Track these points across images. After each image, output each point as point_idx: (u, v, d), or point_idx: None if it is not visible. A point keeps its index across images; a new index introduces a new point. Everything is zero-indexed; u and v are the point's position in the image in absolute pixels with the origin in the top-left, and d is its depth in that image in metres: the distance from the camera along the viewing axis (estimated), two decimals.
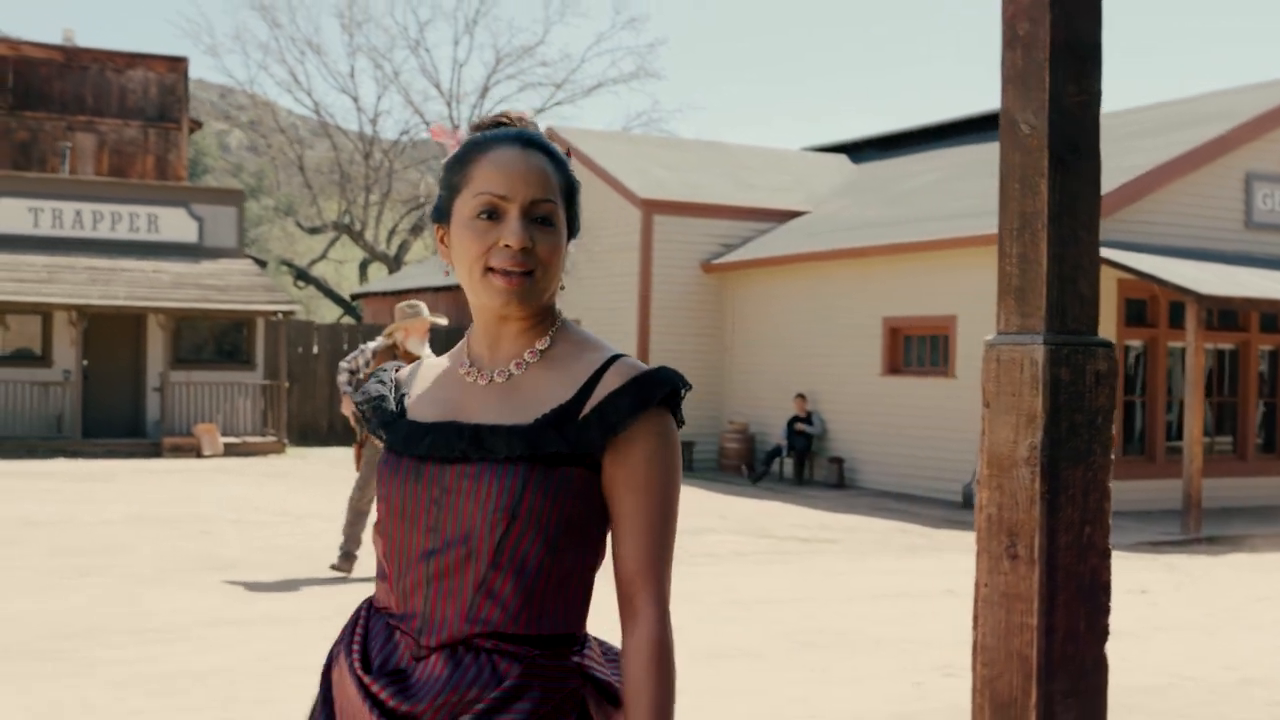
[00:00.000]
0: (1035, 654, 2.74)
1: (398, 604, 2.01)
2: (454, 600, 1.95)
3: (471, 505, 1.95)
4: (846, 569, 11.24)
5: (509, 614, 1.94)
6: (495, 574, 1.94)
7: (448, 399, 2.08)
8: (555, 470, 1.95)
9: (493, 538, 1.93)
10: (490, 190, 1.97)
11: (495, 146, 2.02)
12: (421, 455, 2.01)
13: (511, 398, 2.03)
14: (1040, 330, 2.75)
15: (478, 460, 1.96)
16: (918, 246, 18.29)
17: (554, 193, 2.01)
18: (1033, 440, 2.74)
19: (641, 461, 1.98)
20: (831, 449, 20.07)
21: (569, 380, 2.02)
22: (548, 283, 2.01)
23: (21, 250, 24.76)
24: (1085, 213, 2.78)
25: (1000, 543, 2.82)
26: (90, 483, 17.41)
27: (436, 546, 1.96)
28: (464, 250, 2.00)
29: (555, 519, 1.95)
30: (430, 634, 1.95)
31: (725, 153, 26.16)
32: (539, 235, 1.97)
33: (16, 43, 30.39)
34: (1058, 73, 2.74)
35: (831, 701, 6.37)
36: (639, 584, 1.97)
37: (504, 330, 2.05)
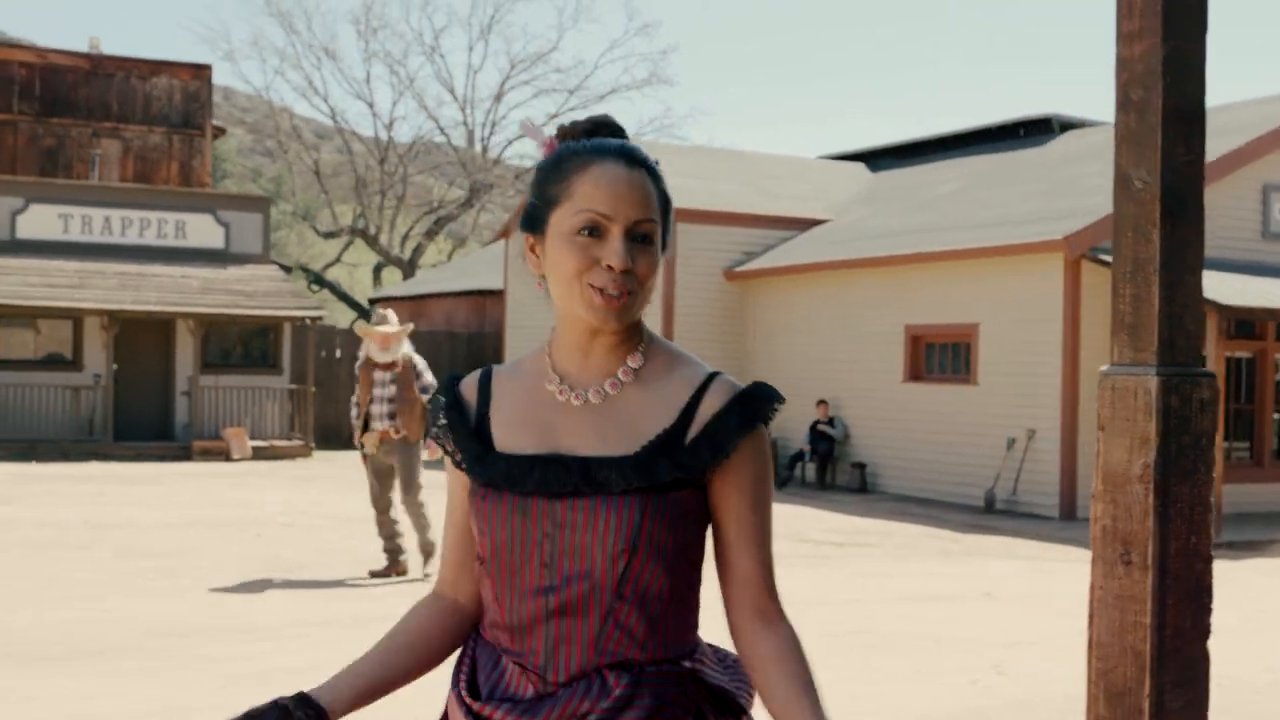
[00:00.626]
0: (1148, 649, 3.10)
1: (513, 640, 2.00)
2: (579, 635, 1.96)
3: (590, 539, 1.94)
4: (886, 572, 11.59)
5: (637, 642, 1.96)
6: (621, 605, 1.95)
7: (541, 423, 2.04)
8: (668, 496, 1.96)
9: (615, 570, 1.94)
10: (594, 208, 1.95)
11: (598, 161, 1.99)
12: (527, 491, 1.98)
13: (612, 421, 2.02)
14: (1152, 363, 3.11)
15: (591, 494, 1.96)
16: (941, 256, 18.63)
17: (654, 211, 2.00)
18: (1146, 460, 3.09)
19: (750, 478, 2.02)
20: (854, 454, 20.42)
21: (668, 400, 2.02)
22: (643, 302, 2.01)
23: (52, 256, 25.18)
24: (1192, 258, 3.14)
25: (1115, 550, 3.18)
26: (133, 486, 17.78)
27: (554, 583, 1.96)
28: (561, 265, 1.98)
29: (672, 544, 1.97)
30: (558, 669, 1.96)
31: (746, 161, 26.53)
32: (639, 255, 1.96)
33: (43, 51, 30.79)
34: (1168, 135, 3.10)
35: (894, 698, 6.73)
36: (766, 593, 2.02)
37: (595, 344, 2.03)
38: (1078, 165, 20.60)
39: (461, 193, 47.62)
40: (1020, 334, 17.56)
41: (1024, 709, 6.57)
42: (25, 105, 30.16)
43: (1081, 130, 24.19)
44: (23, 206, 25.50)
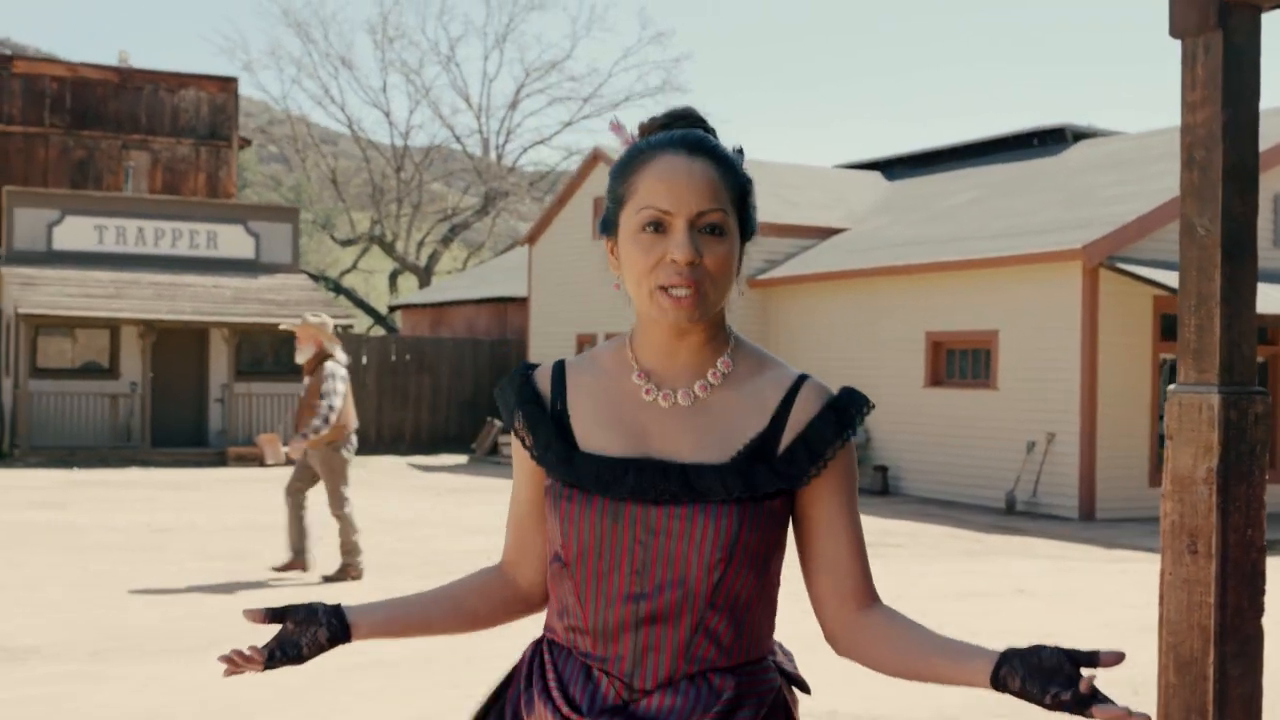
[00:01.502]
0: (1212, 625, 3.65)
1: (595, 645, 1.97)
2: (669, 643, 1.93)
3: (685, 547, 1.92)
4: (917, 570, 12.13)
5: (724, 649, 1.95)
6: (712, 614, 1.93)
7: (630, 423, 2.01)
8: (764, 505, 1.95)
9: (710, 579, 1.92)
10: (654, 204, 1.93)
11: (658, 155, 1.96)
12: (621, 496, 1.95)
13: (704, 424, 1.99)
14: (1214, 383, 3.67)
15: (690, 502, 1.93)
16: (960, 265, 19.18)
17: (722, 200, 1.95)
18: (1209, 465, 3.65)
19: (845, 481, 2.02)
20: (876, 457, 20.97)
21: (760, 404, 2.00)
22: (718, 295, 1.96)
23: (88, 266, 25.78)
24: (1247, 294, 3.69)
25: (1182, 541, 3.73)
26: (178, 491, 18.35)
27: (645, 590, 1.93)
28: (631, 265, 1.95)
29: (765, 551, 1.97)
30: (644, 677, 1.94)
31: (766, 171, 27.10)
32: (707, 246, 1.92)
33: (74, 65, 31.38)
34: (1227, 190, 3.66)
35: None
36: (871, 590, 2.07)
37: (681, 345, 2.00)
38: (1092, 175, 21.15)
39: (476, 200, 48.22)
40: (1039, 340, 18.11)
41: None
42: (56, 118, 30.76)
43: (1094, 140, 24.74)
44: (58, 218, 26.10)
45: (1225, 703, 3.65)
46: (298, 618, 2.04)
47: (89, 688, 6.76)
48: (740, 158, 2.05)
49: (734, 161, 2.01)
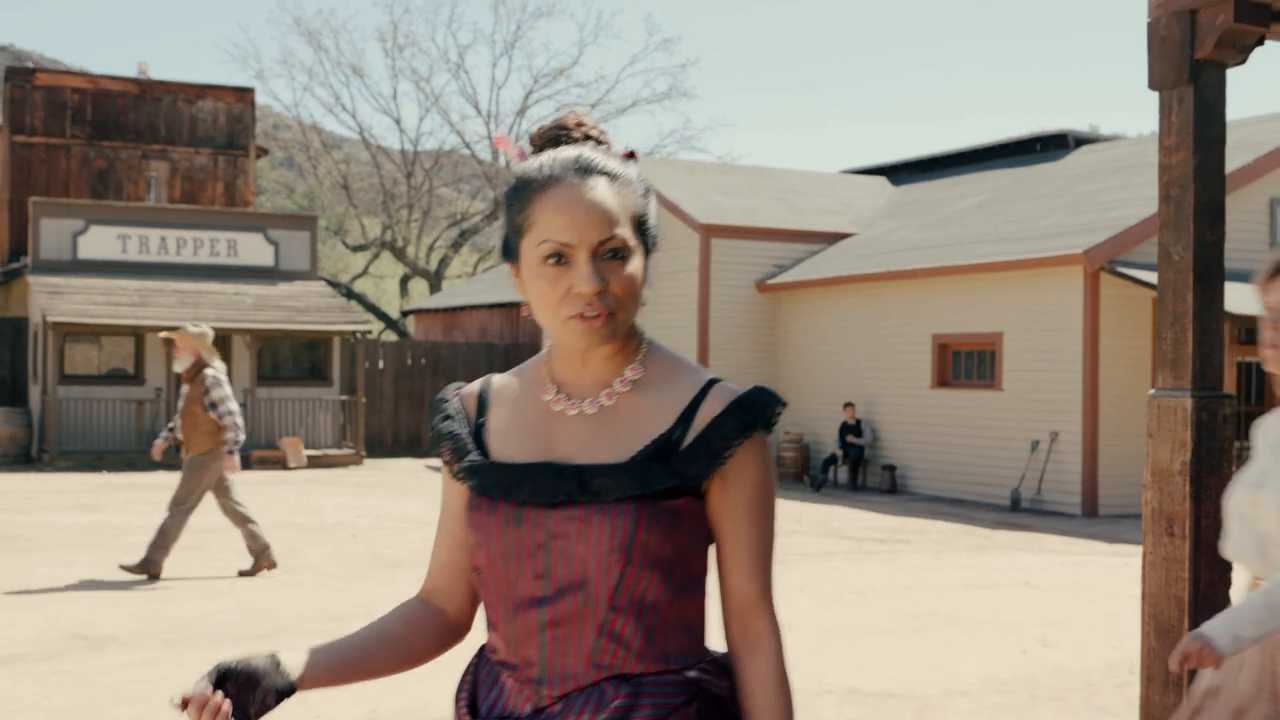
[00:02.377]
0: (1187, 597, 4.24)
1: (507, 651, 1.98)
2: (574, 647, 1.93)
3: (583, 549, 1.91)
4: (929, 565, 12.71)
5: (634, 654, 1.93)
6: (616, 616, 1.92)
7: (537, 432, 2.02)
8: (664, 504, 1.93)
9: (609, 580, 1.91)
10: (554, 237, 1.91)
11: (553, 185, 1.94)
12: (520, 500, 1.96)
13: (608, 429, 1.99)
14: (1188, 388, 4.26)
15: (585, 503, 1.92)
16: (965, 269, 19.75)
17: (621, 222, 1.94)
18: (1184, 459, 4.24)
19: (749, 485, 1.98)
20: (884, 457, 21.54)
21: (666, 408, 1.99)
22: (628, 315, 1.96)
23: (113, 275, 26.38)
24: (1217, 311, 4.28)
25: (1161, 526, 4.32)
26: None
27: (548, 593, 1.93)
28: (539, 297, 1.95)
29: (669, 553, 1.93)
30: (554, 684, 1.93)
31: (774, 177, 27.67)
32: (612, 272, 1.92)
33: (95, 77, 31.99)
34: (1198, 222, 4.25)
35: (962, 666, 7.87)
36: (758, 608, 1.98)
37: (591, 356, 2.00)
38: (1094, 180, 21.71)
39: (486, 205, 48.86)
40: (1043, 342, 18.67)
41: (1067, 675, 7.70)
42: (77, 129, 31.36)
43: (1096, 145, 25.30)
44: (83, 228, 26.71)
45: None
46: (239, 681, 1.93)
47: (166, 672, 7.35)
48: (633, 164, 2.03)
49: (628, 175, 1.99)
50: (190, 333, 10.58)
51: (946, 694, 7.14)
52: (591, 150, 1.98)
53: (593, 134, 2.04)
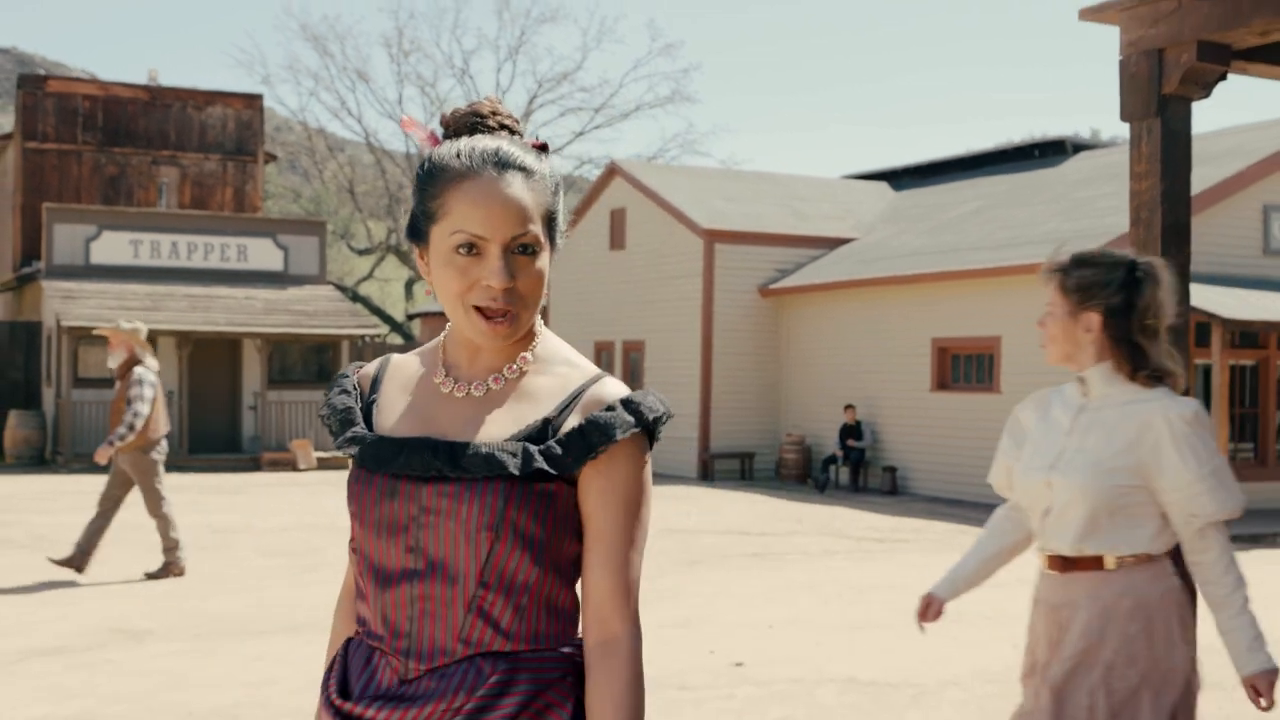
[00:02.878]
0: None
1: (376, 623, 1.99)
2: (443, 622, 1.93)
3: (453, 525, 1.92)
4: (926, 563, 13.08)
5: (502, 632, 1.94)
6: (485, 593, 1.92)
7: (420, 410, 2.04)
8: (534, 486, 1.93)
9: (478, 557, 1.91)
10: (467, 229, 1.93)
11: (469, 176, 1.94)
12: (395, 473, 1.96)
13: (488, 411, 2.00)
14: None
15: (456, 479, 1.93)
16: (965, 274, 20.14)
17: (534, 219, 1.96)
18: None
19: (620, 483, 1.97)
20: (885, 458, 21.94)
21: (550, 394, 2.01)
22: (530, 314, 1.99)
23: (125, 280, 26.80)
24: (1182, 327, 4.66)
25: None
26: (223, 495, 19.36)
27: (419, 567, 1.94)
28: (445, 284, 1.96)
29: (539, 535, 1.94)
30: (421, 658, 1.94)
31: (776, 183, 28.06)
32: (520, 268, 1.95)
33: (106, 84, 32.42)
34: (1165, 243, 4.63)
35: (955, 657, 8.26)
36: (616, 604, 1.97)
37: (483, 344, 2.02)
38: (1091, 187, 22.10)
39: None
40: (1039, 345, 19.04)
41: None
42: (89, 135, 31.77)
43: (1093, 152, 25.69)
44: (95, 233, 27.12)
45: None
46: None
47: (204, 661, 7.75)
48: (545, 156, 2.04)
49: (541, 171, 2.00)
50: (123, 329, 10.78)
51: (939, 683, 7.53)
52: (509, 144, 1.98)
53: (508, 123, 2.06)
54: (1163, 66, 4.62)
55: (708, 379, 23.96)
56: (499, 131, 2.03)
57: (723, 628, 9.19)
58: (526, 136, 2.05)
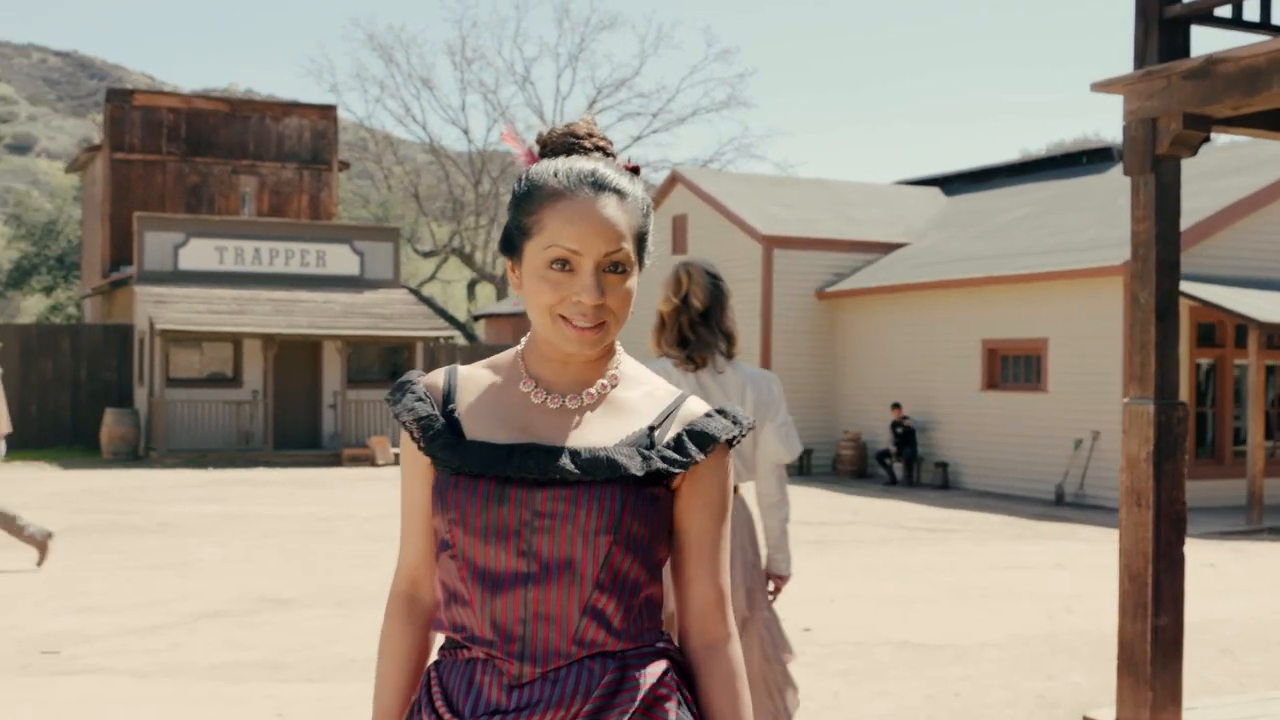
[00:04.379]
0: (1150, 550, 5.75)
1: (484, 628, 1.99)
2: (558, 625, 1.96)
3: (570, 528, 1.96)
4: (973, 550, 14.19)
5: (613, 633, 1.98)
6: (599, 595, 1.97)
7: (515, 419, 2.06)
8: (646, 490, 2.00)
9: (596, 559, 1.96)
10: (562, 244, 1.97)
11: (566, 195, 2.00)
12: (507, 477, 1.98)
13: (588, 421, 2.05)
14: (1152, 397, 5.77)
15: (574, 483, 1.96)
16: (1013, 279, 21.17)
17: (626, 238, 2.01)
18: (1148, 450, 5.75)
19: (715, 488, 2.07)
20: (937, 454, 23.00)
21: (646, 405, 2.09)
22: (617, 329, 2.04)
23: (211, 285, 28.23)
24: (1173, 340, 5.77)
25: (1133, 498, 5.83)
26: (312, 488, 20.71)
27: (533, 571, 1.96)
28: (537, 296, 2.00)
29: (648, 537, 2.00)
30: (536, 662, 1.96)
31: (830, 190, 29.14)
32: (610, 285, 2.00)
33: (188, 96, 33.97)
34: (1159, 275, 5.75)
35: (994, 625, 9.39)
36: (719, 609, 2.08)
37: (574, 359, 2.07)
38: None
39: None
40: (1085, 347, 20.06)
41: (1082, 634, 9.19)
42: (173, 146, 33.31)
43: None
44: (183, 241, 28.57)
45: (1160, 600, 5.77)
46: None
47: (349, 623, 9.00)
48: (637, 179, 2.10)
49: (634, 194, 2.06)
50: None
51: (979, 645, 8.66)
52: (605, 166, 2.04)
53: (602, 144, 2.11)
54: (1156, 133, 5.74)
55: None
56: (594, 153, 2.09)
57: (789, 601, 10.33)
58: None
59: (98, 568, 11.66)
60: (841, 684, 7.53)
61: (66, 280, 46.09)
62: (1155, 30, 5.75)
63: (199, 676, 7.44)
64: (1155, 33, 5.75)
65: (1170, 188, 5.78)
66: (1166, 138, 5.69)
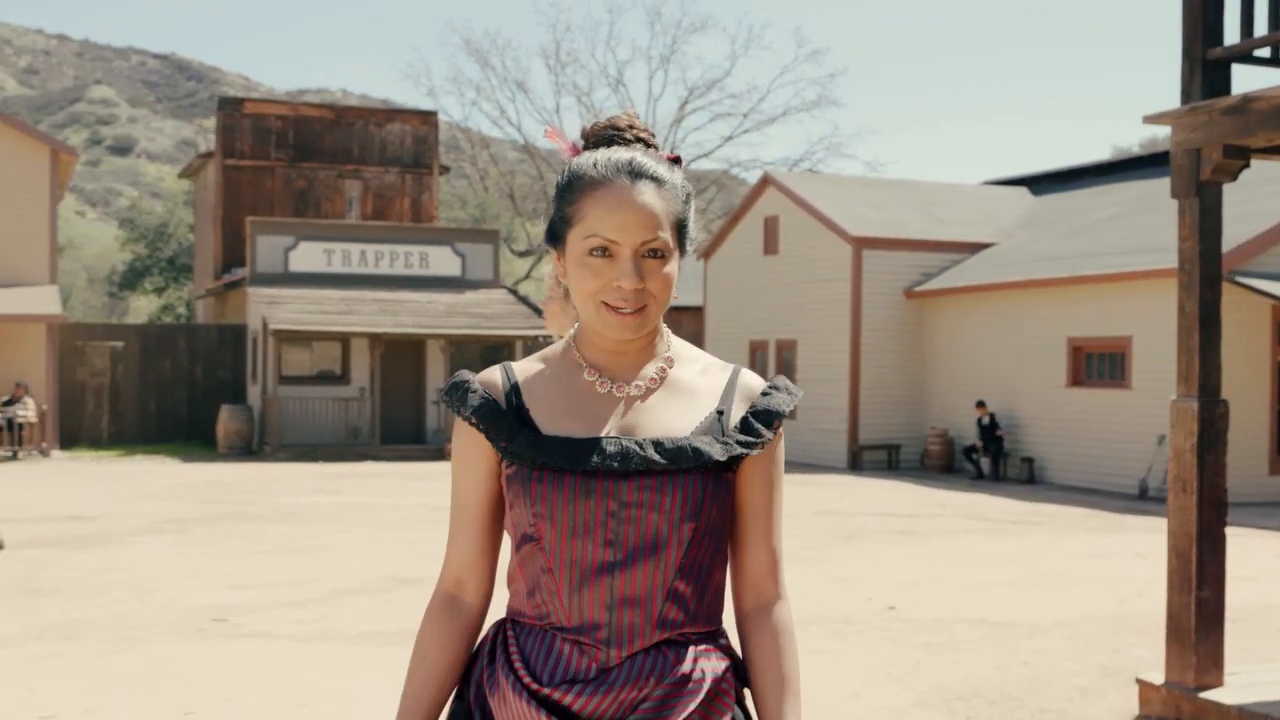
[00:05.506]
0: (1195, 530, 6.48)
1: (572, 617, 2.04)
2: (642, 610, 2.03)
3: (656, 517, 2.02)
4: (1054, 541, 14.85)
5: (689, 615, 2.07)
6: (680, 581, 2.05)
7: (586, 411, 2.11)
8: (722, 477, 2.09)
9: (680, 547, 2.03)
10: (601, 233, 2.03)
11: (604, 184, 2.05)
12: (591, 470, 2.03)
13: (657, 407, 2.12)
14: (1195, 396, 6.50)
15: (659, 473, 2.03)
16: (1099, 278, 21.70)
17: (664, 225, 2.06)
18: (1193, 441, 6.48)
19: (775, 461, 2.18)
20: (1022, 449, 23.58)
21: (705, 388, 2.16)
22: (659, 311, 2.09)
23: (320, 286, 29.47)
24: (1216, 345, 6.49)
25: (1179, 485, 6.56)
26: (420, 480, 21.76)
27: (619, 559, 2.02)
28: (580, 284, 2.06)
29: (723, 522, 2.11)
30: (623, 645, 2.03)
31: (918, 190, 29.75)
32: (650, 271, 2.05)
33: (295, 105, 35.35)
34: (1203, 287, 6.48)
35: (1068, 606, 10.11)
36: (773, 574, 2.18)
37: (627, 345, 2.13)
38: None
39: None
40: (1168, 344, 20.43)
41: (1150, 616, 9.87)
42: (281, 152, 34.67)
43: None
44: (293, 244, 29.85)
45: (1203, 575, 6.51)
46: None
47: None
48: (677, 168, 2.15)
49: (673, 181, 2.10)
50: None
51: (1052, 623, 9.40)
52: (643, 154, 2.10)
53: (643, 136, 2.17)
54: (1200, 161, 6.47)
55: (856, 376, 25.79)
56: (635, 144, 2.15)
57: (876, 583, 11.14)
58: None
59: (234, 552, 12.72)
60: (923, 654, 8.31)
61: (177, 281, 47.83)
62: (1199, 70, 6.48)
63: (349, 642, 8.42)
64: (1199, 72, 6.48)
65: (1212, 210, 6.51)
66: (1209, 166, 6.42)
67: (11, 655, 8.03)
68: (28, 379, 27.02)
